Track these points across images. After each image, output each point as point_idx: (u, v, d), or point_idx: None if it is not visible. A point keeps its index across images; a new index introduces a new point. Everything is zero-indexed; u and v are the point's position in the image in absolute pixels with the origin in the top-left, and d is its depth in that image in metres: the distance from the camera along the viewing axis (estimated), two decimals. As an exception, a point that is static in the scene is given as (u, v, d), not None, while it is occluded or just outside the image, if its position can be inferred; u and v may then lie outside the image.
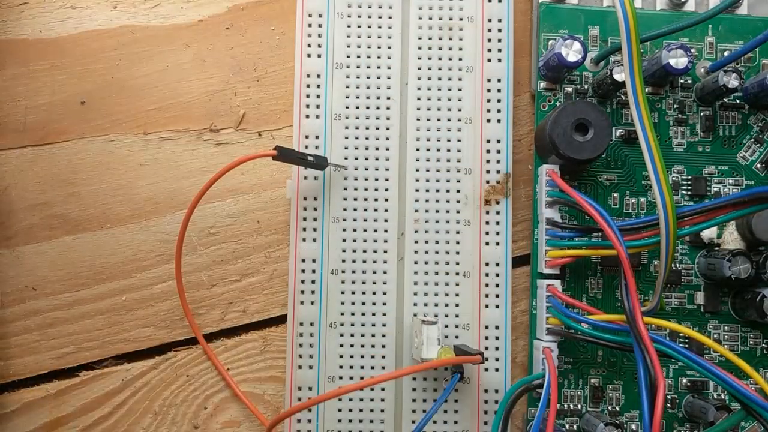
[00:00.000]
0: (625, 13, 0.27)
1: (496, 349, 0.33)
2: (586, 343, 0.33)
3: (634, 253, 0.31)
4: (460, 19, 0.34)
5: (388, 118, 0.34)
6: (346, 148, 0.33)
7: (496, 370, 0.33)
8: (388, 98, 0.34)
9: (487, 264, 0.33)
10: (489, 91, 0.34)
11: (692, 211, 0.28)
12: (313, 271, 0.33)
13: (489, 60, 0.34)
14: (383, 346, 0.33)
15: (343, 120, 0.34)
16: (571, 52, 0.31)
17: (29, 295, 0.34)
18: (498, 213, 0.34)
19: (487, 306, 0.33)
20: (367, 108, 0.34)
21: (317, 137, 0.34)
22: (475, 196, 0.34)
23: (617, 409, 0.33)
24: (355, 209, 0.33)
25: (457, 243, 0.33)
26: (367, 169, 0.33)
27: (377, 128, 0.34)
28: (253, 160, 0.34)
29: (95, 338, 0.34)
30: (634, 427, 0.33)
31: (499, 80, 0.34)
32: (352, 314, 0.33)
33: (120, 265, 0.34)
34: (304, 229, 0.33)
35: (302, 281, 0.33)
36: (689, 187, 0.34)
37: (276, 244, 0.34)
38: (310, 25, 0.34)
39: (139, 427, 0.33)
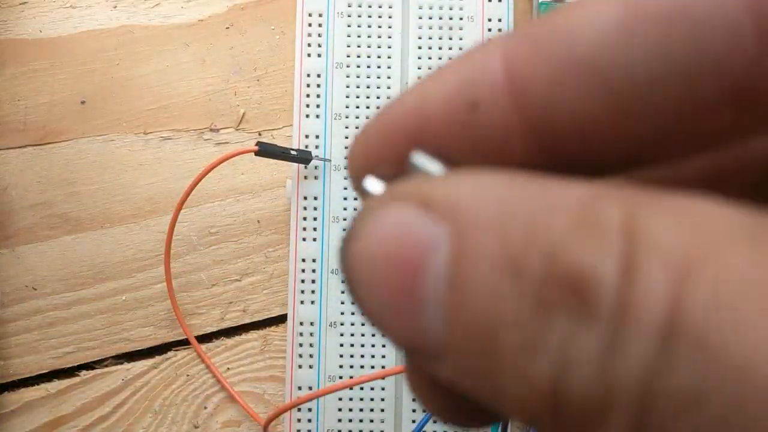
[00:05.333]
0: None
1: (496, 348, 0.33)
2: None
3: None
4: (460, 19, 0.34)
5: (388, 118, 0.34)
6: (346, 147, 0.33)
7: (496, 369, 0.33)
8: (388, 98, 0.34)
9: (487, 264, 0.33)
10: (489, 90, 0.34)
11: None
12: (313, 271, 0.33)
13: (489, 60, 0.34)
14: (383, 346, 0.33)
15: (343, 120, 0.34)
16: (571, 52, 0.31)
17: (29, 295, 0.34)
18: (498, 213, 0.34)
19: (487, 306, 0.33)
20: (367, 108, 0.34)
21: (317, 137, 0.34)
22: (475, 195, 0.34)
23: (617, 408, 0.33)
24: (355, 209, 0.33)
25: (457, 243, 0.33)
26: (367, 169, 0.33)
27: (377, 128, 0.34)
28: (253, 161, 0.34)
29: (95, 338, 0.34)
30: (634, 426, 0.33)
31: (499, 80, 0.34)
32: (352, 314, 0.33)
33: (120, 264, 0.34)
34: (304, 229, 0.33)
35: (302, 281, 0.33)
36: (689, 187, 0.34)
37: (276, 243, 0.34)
38: (310, 25, 0.34)
39: (139, 426, 0.33)
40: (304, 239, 0.33)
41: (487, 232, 0.09)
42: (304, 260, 0.33)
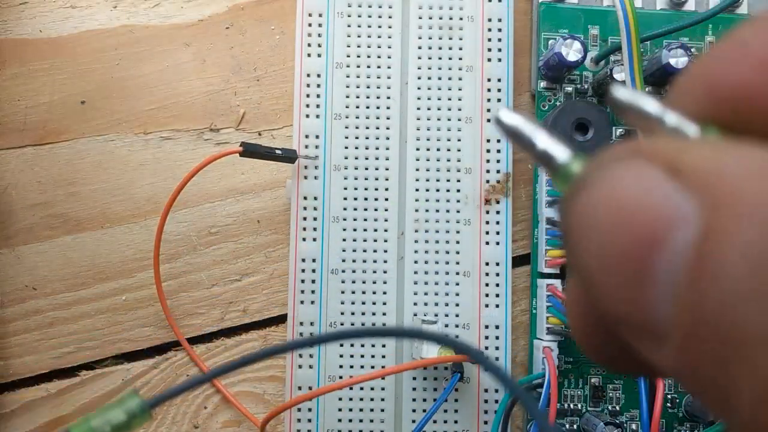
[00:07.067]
0: (625, 12, 0.27)
1: (496, 348, 0.33)
2: (586, 342, 0.33)
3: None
4: (460, 19, 0.34)
5: (388, 118, 0.34)
6: (346, 147, 0.33)
7: (496, 369, 0.33)
8: (388, 98, 0.34)
9: (487, 264, 0.33)
10: (489, 90, 0.34)
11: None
12: (313, 271, 0.33)
13: (489, 60, 0.34)
14: (383, 346, 0.33)
15: (343, 120, 0.34)
16: (571, 52, 0.31)
17: (29, 295, 0.34)
18: (498, 212, 0.34)
19: (487, 306, 0.33)
20: (367, 108, 0.34)
21: (317, 137, 0.34)
22: (475, 195, 0.34)
23: (617, 408, 0.33)
24: (355, 209, 0.33)
25: (457, 243, 0.33)
26: (367, 169, 0.33)
27: (377, 128, 0.34)
28: (253, 162, 0.34)
29: (95, 338, 0.34)
30: (634, 426, 0.33)
31: (499, 80, 0.34)
32: (352, 314, 0.33)
33: (120, 264, 0.34)
34: (304, 229, 0.33)
35: (302, 281, 0.33)
36: (689, 187, 0.34)
37: (276, 243, 0.34)
38: (310, 25, 0.34)
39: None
40: (304, 239, 0.33)
41: (748, 217, 0.08)
42: (304, 260, 0.33)
